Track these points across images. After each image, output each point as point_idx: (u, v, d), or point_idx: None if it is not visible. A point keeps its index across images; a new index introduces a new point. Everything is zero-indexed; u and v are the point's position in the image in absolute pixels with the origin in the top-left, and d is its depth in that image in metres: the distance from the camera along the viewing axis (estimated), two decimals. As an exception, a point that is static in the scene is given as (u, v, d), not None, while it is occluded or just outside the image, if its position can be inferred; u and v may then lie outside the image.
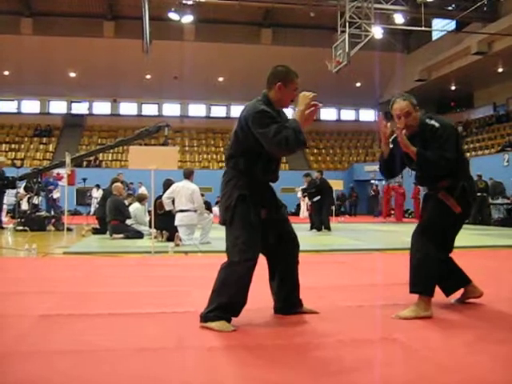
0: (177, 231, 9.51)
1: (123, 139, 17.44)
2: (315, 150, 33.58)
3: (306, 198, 15.63)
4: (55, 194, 16.06)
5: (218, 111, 35.56)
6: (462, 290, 4.21)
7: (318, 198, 13.83)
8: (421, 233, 3.87)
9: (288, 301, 3.81)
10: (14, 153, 30.10)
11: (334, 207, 16.88)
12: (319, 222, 13.67)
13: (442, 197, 3.85)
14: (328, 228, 13.62)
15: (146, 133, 14.89)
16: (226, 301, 3.43)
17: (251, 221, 3.48)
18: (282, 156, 3.70)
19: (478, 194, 18.31)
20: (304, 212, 21.89)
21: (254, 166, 3.55)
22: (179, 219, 9.56)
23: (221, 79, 32.19)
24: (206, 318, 3.45)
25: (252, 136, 3.45)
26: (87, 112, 34.30)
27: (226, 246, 3.56)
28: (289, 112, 3.95)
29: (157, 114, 34.23)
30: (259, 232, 3.53)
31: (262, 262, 3.62)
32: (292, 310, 3.81)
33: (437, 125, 3.83)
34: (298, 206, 24.76)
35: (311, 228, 13.76)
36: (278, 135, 3.31)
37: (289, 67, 3.66)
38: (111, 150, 27.27)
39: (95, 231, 12.25)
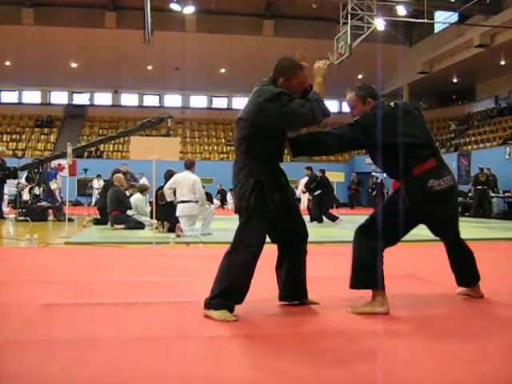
0: (178, 222, 9.52)
1: (125, 130, 17.45)
2: (316, 142, 33.52)
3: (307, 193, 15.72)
4: (52, 185, 16.05)
5: (220, 102, 35.54)
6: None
7: (319, 192, 14.01)
8: (362, 224, 3.77)
9: (295, 290, 3.79)
10: (15, 143, 30.13)
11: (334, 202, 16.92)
12: (319, 215, 13.81)
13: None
14: (332, 219, 13.73)
15: (149, 124, 14.89)
16: (229, 285, 3.41)
17: (265, 207, 3.45)
18: (308, 127, 3.68)
19: (479, 187, 18.33)
20: (305, 204, 21.89)
21: (269, 149, 3.54)
22: (180, 210, 9.56)
23: (222, 70, 32.12)
24: (209, 304, 3.44)
25: (270, 119, 3.41)
26: (88, 103, 34.30)
27: (235, 232, 3.53)
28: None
29: (158, 105, 34.25)
30: (269, 219, 3.51)
31: (267, 252, 3.61)
32: (298, 299, 3.80)
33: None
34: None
35: (311, 220, 13.82)
36: (303, 108, 3.35)
37: (292, 60, 3.61)
38: (112, 141, 27.29)
39: (96, 222, 12.26)
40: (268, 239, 3.66)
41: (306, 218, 13.66)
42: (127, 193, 12.17)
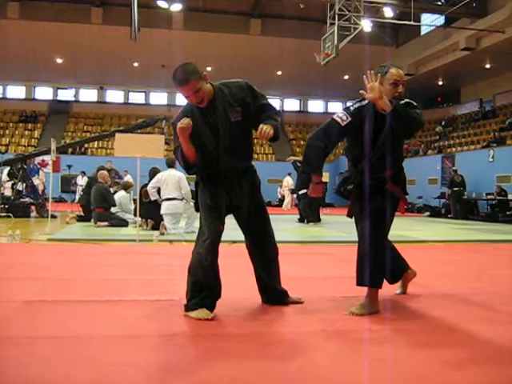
0: (162, 220, 9.48)
1: (121, 129, 17.45)
2: (302, 142, 33.55)
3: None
4: (35, 181, 15.97)
5: (206, 101, 35.43)
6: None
7: (304, 191, 13.97)
8: (370, 222, 3.65)
9: (270, 292, 3.82)
10: (-2, 138, 29.85)
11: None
12: (306, 214, 13.80)
13: (390, 188, 3.70)
14: (318, 220, 13.71)
15: (144, 124, 15.01)
16: (196, 282, 3.46)
17: (207, 204, 3.60)
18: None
19: (455, 188, 18.53)
20: (288, 205, 21.95)
21: (201, 155, 3.57)
22: (165, 208, 9.52)
23: (209, 69, 32.03)
24: (186, 307, 3.47)
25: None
26: (73, 99, 34.01)
27: None
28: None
29: (144, 102, 34.08)
30: (217, 213, 3.57)
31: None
32: (277, 300, 3.81)
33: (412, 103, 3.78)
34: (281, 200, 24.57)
35: (300, 220, 13.83)
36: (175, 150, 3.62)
37: (180, 71, 3.59)
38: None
39: (79, 219, 12.19)
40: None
41: (290, 217, 13.72)
42: (111, 190, 12.11)
